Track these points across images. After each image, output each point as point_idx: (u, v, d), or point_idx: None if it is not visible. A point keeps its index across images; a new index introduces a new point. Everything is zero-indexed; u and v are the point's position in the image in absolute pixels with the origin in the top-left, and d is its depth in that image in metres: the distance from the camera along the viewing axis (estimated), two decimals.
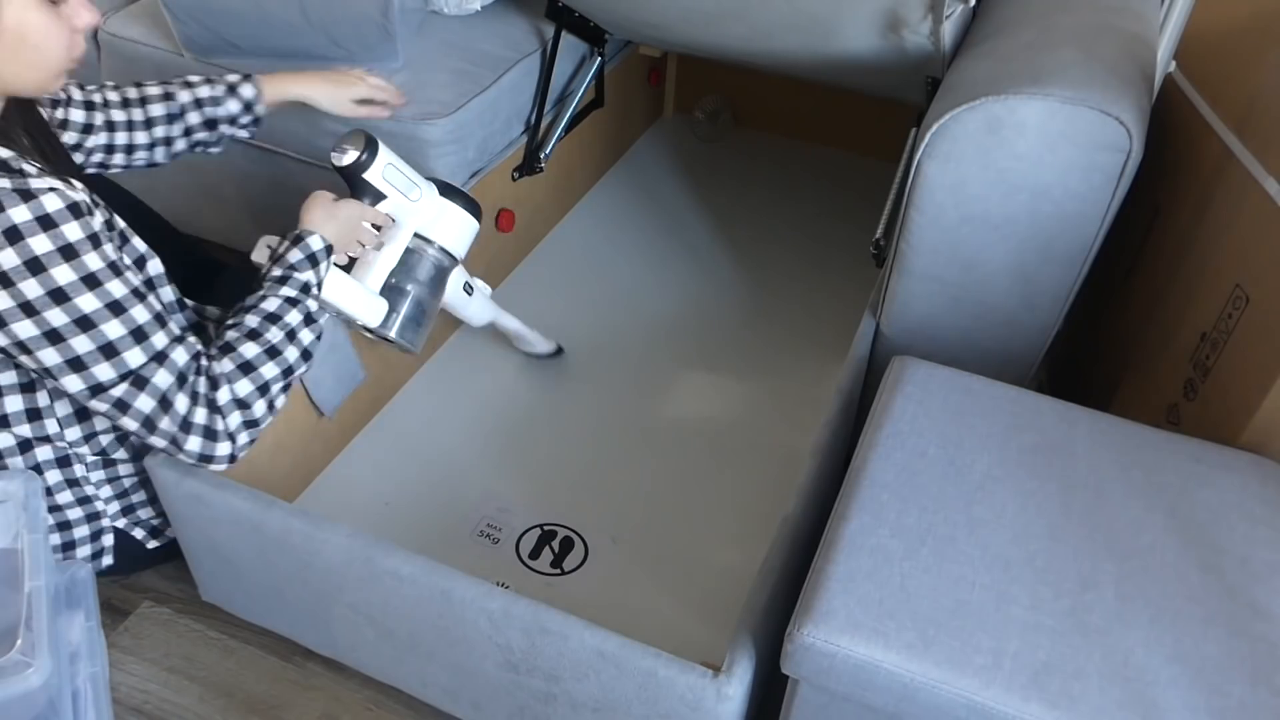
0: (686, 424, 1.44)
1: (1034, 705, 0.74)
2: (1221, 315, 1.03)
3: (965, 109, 1.01)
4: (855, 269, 1.75)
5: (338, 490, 1.32)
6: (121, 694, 1.12)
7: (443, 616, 0.93)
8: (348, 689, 1.13)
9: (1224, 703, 0.74)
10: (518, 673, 0.93)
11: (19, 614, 0.86)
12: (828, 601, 0.80)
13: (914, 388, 1.00)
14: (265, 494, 1.00)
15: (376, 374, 1.39)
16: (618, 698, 0.89)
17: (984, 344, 1.17)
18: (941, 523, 0.86)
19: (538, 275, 1.72)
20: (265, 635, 1.17)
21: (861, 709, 0.82)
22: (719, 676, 0.83)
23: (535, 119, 1.60)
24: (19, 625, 0.85)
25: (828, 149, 2.10)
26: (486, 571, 1.21)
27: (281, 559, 1.00)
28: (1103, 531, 0.86)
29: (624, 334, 1.60)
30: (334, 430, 1.34)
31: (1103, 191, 1.01)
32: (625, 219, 1.87)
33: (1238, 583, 0.82)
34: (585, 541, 1.26)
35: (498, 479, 1.35)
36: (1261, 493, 0.90)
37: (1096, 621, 0.79)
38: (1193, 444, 0.96)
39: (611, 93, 1.84)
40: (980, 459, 0.92)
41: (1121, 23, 1.12)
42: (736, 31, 1.35)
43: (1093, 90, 0.98)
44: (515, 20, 1.61)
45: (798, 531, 0.98)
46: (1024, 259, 1.08)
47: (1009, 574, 0.82)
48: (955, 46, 1.21)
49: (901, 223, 1.13)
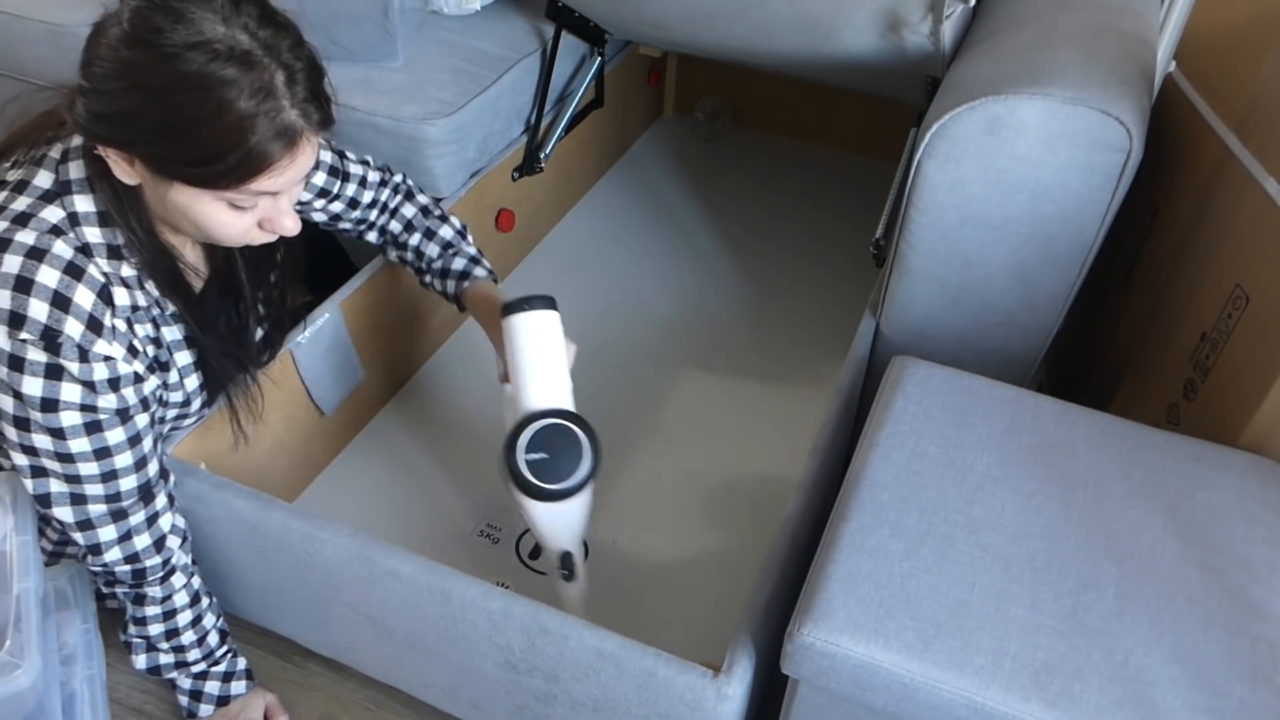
0: (686, 423, 1.44)
1: (1034, 705, 0.74)
2: (1221, 315, 1.03)
3: (965, 109, 1.01)
4: (855, 269, 1.75)
5: (338, 490, 1.32)
6: (121, 694, 1.12)
7: (443, 616, 0.93)
8: (347, 689, 1.13)
9: (1224, 703, 0.74)
10: (518, 673, 0.93)
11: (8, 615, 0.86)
12: (827, 601, 0.80)
13: (914, 388, 1.00)
14: (265, 494, 0.99)
15: (376, 374, 1.39)
16: (617, 698, 0.89)
17: (984, 344, 1.17)
18: (941, 523, 0.86)
19: (538, 275, 1.72)
20: (265, 635, 1.17)
21: (861, 709, 0.82)
22: (719, 676, 0.83)
23: (535, 119, 1.60)
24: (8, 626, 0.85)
25: (828, 149, 2.10)
26: (486, 571, 1.20)
27: (281, 559, 1.00)
28: (1103, 531, 0.86)
29: (624, 333, 1.59)
30: (334, 430, 1.34)
31: (1103, 191, 1.01)
32: (625, 219, 1.87)
33: (1238, 583, 0.82)
34: (585, 541, 1.26)
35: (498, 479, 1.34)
36: (1261, 493, 0.90)
37: (1096, 621, 0.79)
38: (1193, 444, 0.96)
39: (611, 93, 1.83)
40: (980, 459, 0.92)
41: (1121, 23, 1.12)
42: (736, 31, 1.35)
43: (1093, 90, 0.98)
44: (515, 20, 1.61)
45: (798, 531, 0.98)
46: (1024, 259, 1.08)
47: (1009, 574, 0.82)
48: (955, 46, 1.21)
49: (901, 223, 1.13)
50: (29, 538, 0.92)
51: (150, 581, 0.96)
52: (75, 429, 0.85)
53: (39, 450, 0.86)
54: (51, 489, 0.88)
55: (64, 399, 0.83)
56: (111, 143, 0.79)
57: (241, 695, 1.06)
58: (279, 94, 0.77)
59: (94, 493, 0.89)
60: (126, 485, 0.90)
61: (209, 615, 1.03)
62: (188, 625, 1.00)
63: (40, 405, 0.83)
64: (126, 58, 0.75)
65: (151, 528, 0.94)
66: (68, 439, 0.85)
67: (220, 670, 1.05)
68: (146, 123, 0.76)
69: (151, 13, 0.74)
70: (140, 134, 0.77)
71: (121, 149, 0.79)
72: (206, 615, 1.02)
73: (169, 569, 0.97)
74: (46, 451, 0.86)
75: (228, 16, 0.75)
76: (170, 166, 0.79)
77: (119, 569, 0.94)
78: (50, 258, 0.81)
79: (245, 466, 1.15)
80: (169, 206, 0.83)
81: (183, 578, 0.98)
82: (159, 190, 0.82)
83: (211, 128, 0.76)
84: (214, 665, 1.04)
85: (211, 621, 1.03)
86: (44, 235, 0.82)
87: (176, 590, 0.98)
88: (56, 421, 0.84)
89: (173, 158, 0.78)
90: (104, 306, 0.84)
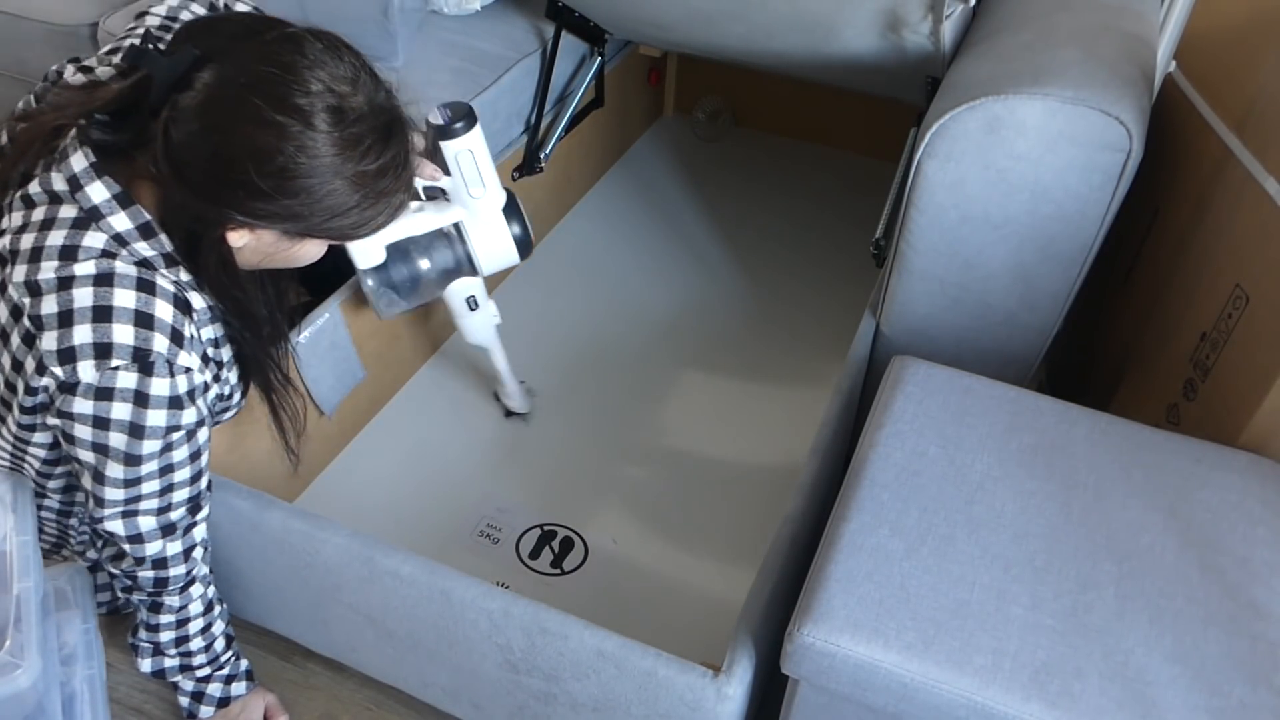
0: (686, 423, 1.44)
1: (1034, 705, 0.74)
2: (1221, 315, 1.03)
3: (965, 109, 1.01)
4: (855, 269, 1.75)
5: (338, 490, 1.32)
6: (121, 694, 1.12)
7: (443, 616, 0.93)
8: (347, 689, 1.13)
9: (1224, 703, 0.74)
10: (517, 673, 0.93)
11: (8, 615, 0.86)
12: (827, 601, 0.80)
13: (914, 388, 1.00)
14: (265, 494, 1.00)
15: (376, 374, 1.39)
16: (617, 697, 0.89)
17: (984, 344, 1.17)
18: (941, 523, 0.86)
19: (537, 275, 1.72)
20: (265, 635, 1.17)
21: (861, 709, 0.82)
22: (719, 676, 0.83)
23: (535, 119, 1.60)
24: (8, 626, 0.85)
25: (828, 149, 2.10)
26: (486, 571, 1.21)
27: (281, 559, 1.00)
28: (1103, 531, 0.86)
29: (624, 333, 1.60)
30: (334, 430, 1.34)
31: (1103, 191, 1.01)
32: (625, 219, 1.87)
33: (1238, 583, 0.82)
34: (585, 542, 1.26)
35: (498, 479, 1.35)
36: (1261, 493, 0.90)
37: (1096, 621, 0.79)
38: (1193, 444, 0.96)
39: (611, 93, 1.83)
40: (980, 459, 0.92)
41: (1121, 23, 1.12)
42: (736, 31, 1.35)
43: (1093, 90, 0.98)
44: (515, 20, 1.61)
45: (798, 531, 0.98)
46: (1024, 259, 1.08)
47: (1009, 574, 0.82)
48: (955, 46, 1.21)
49: (901, 223, 1.13)
50: (29, 538, 0.92)
51: (170, 591, 0.96)
52: (152, 454, 0.85)
53: (108, 479, 0.85)
54: (107, 504, 0.88)
55: (150, 424, 0.83)
56: (271, 226, 0.82)
57: (242, 696, 1.06)
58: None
59: (148, 507, 0.89)
60: (179, 498, 0.90)
61: (219, 623, 1.02)
62: (198, 633, 1.00)
63: (128, 430, 0.83)
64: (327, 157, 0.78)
65: (185, 537, 0.93)
66: (142, 463, 0.85)
67: (223, 673, 1.04)
68: (324, 208, 0.81)
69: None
70: (314, 217, 0.81)
71: (268, 227, 0.82)
72: (216, 623, 1.02)
73: (189, 579, 0.96)
74: (116, 480, 0.86)
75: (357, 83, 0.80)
76: (319, 234, 0.84)
77: (143, 574, 0.93)
78: (119, 279, 0.81)
79: (245, 466, 1.15)
80: (270, 251, 0.86)
81: (200, 587, 0.98)
82: (270, 242, 0.85)
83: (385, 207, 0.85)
84: (218, 670, 1.04)
85: (220, 628, 1.03)
86: (101, 261, 0.81)
87: (193, 600, 0.98)
88: (139, 448, 0.84)
89: (330, 227, 0.83)
90: (182, 316, 0.85)
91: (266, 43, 0.77)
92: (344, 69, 0.79)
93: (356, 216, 0.83)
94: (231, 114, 0.75)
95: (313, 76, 0.76)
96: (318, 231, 0.83)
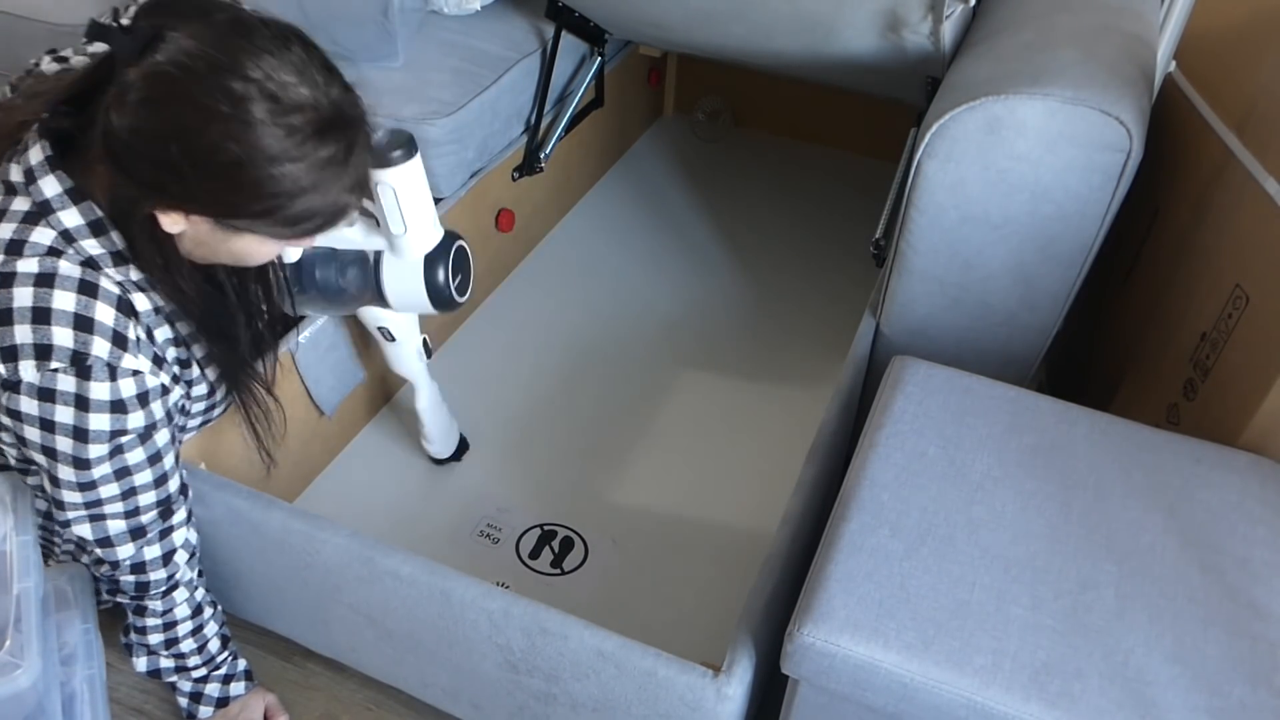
0: (686, 424, 1.44)
1: (1034, 705, 0.74)
2: (1221, 315, 1.03)
3: (965, 109, 1.01)
4: (855, 269, 1.75)
5: (338, 490, 1.32)
6: (121, 694, 1.12)
7: (443, 616, 0.93)
8: (347, 689, 1.13)
9: (1224, 703, 0.74)
10: (518, 673, 0.93)
11: (8, 615, 0.86)
12: (827, 601, 0.80)
13: (914, 388, 1.00)
14: (265, 494, 0.99)
15: (376, 374, 1.39)
16: (617, 698, 0.89)
17: (984, 344, 1.17)
18: (941, 523, 0.86)
19: (537, 275, 1.72)
20: (265, 635, 1.17)
21: (861, 709, 0.82)
22: (719, 676, 0.83)
23: (535, 119, 1.60)
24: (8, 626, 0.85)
25: (828, 149, 2.10)
26: (486, 571, 1.21)
27: (281, 559, 1.00)
28: (1103, 531, 0.86)
29: (623, 334, 1.60)
30: (334, 430, 1.34)
31: (1103, 191, 1.01)
32: (625, 219, 1.87)
33: (1238, 583, 0.82)
34: (585, 541, 1.26)
35: (498, 479, 1.35)
36: (1261, 493, 0.90)
37: (1096, 621, 0.79)
38: (1193, 444, 0.96)
39: (611, 93, 1.83)
40: (980, 459, 0.92)
41: (1121, 23, 1.12)
42: (736, 31, 1.35)
43: (1093, 90, 0.98)
44: (515, 20, 1.61)
45: (798, 531, 0.98)
46: (1024, 259, 1.08)
47: (1009, 574, 0.82)
48: (955, 46, 1.21)
49: (901, 223, 1.13)
50: (29, 538, 0.92)
51: (153, 596, 0.96)
52: (100, 458, 0.85)
53: (61, 481, 0.86)
54: (68, 507, 0.88)
55: (93, 428, 0.83)
56: (199, 211, 0.79)
57: (241, 696, 1.06)
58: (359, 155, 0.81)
59: (113, 510, 0.89)
60: (145, 502, 0.90)
61: (211, 624, 1.02)
62: (188, 635, 1.00)
63: (72, 433, 0.82)
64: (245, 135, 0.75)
65: (163, 541, 0.93)
66: (92, 467, 0.85)
67: (221, 674, 1.04)
68: (249, 192, 0.77)
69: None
70: (243, 205, 0.78)
71: (199, 212, 0.79)
72: (208, 625, 1.02)
73: (172, 584, 0.96)
74: (70, 484, 0.86)
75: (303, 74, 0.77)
76: (249, 223, 0.80)
77: (124, 579, 0.94)
78: (60, 280, 0.80)
79: (245, 467, 1.15)
80: (207, 242, 0.83)
81: (185, 592, 0.98)
82: (206, 232, 0.81)
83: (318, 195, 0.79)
84: (215, 670, 1.04)
85: (213, 630, 1.03)
86: (45, 259, 0.80)
87: (178, 604, 0.98)
88: (85, 452, 0.84)
89: (261, 219, 0.79)
90: (125, 319, 0.84)
91: (213, 24, 0.75)
92: (291, 58, 0.76)
93: (288, 212, 0.79)
94: (166, 92, 0.73)
95: (253, 63, 0.74)
96: (250, 225, 0.80)
